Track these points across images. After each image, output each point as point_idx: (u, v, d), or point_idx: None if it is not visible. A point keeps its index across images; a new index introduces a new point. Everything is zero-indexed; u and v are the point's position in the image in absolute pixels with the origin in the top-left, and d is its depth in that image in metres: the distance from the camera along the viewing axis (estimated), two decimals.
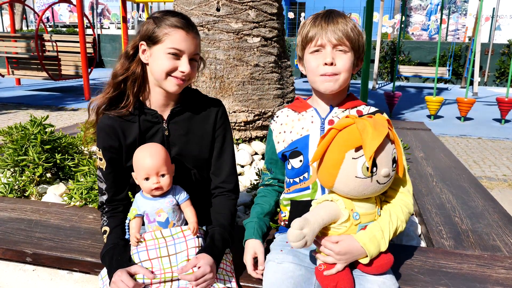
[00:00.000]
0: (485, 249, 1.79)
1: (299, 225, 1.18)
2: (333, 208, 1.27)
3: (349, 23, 1.41)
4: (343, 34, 1.38)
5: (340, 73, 1.41)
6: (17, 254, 1.73)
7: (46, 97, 9.99)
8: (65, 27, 22.94)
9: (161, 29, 1.40)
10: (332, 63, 1.39)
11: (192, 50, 1.43)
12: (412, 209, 1.42)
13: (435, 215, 2.16)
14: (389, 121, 1.31)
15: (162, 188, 1.39)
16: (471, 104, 7.96)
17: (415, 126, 4.72)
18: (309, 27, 1.42)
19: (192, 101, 1.58)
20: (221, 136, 1.61)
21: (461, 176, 2.85)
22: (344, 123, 1.24)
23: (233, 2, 3.10)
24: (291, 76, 3.59)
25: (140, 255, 1.36)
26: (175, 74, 1.42)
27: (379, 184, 1.25)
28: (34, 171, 2.44)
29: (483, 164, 5.39)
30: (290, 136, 1.54)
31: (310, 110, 1.54)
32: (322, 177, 1.29)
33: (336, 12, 1.45)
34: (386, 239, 1.29)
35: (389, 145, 1.26)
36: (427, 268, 1.61)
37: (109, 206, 1.54)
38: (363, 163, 1.21)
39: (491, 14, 14.52)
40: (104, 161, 1.50)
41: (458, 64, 15.12)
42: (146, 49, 1.44)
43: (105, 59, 18.43)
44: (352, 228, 1.28)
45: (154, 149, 1.41)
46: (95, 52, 11.10)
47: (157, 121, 1.52)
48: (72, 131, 3.69)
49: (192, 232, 1.41)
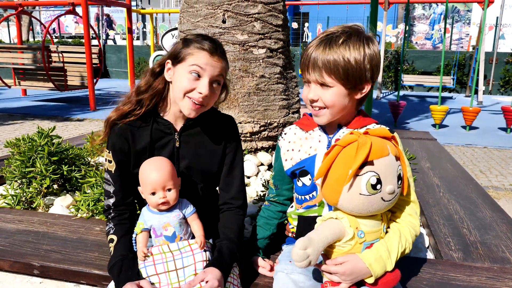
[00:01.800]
0: (495, 261, 1.78)
1: (303, 245, 1.17)
2: (337, 226, 1.25)
3: (342, 52, 1.29)
4: (326, 70, 1.31)
5: (327, 108, 1.37)
6: (25, 266, 1.73)
7: (52, 108, 10.07)
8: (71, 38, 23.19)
9: (187, 49, 1.42)
10: (315, 99, 1.36)
11: (214, 73, 1.43)
12: (418, 231, 1.40)
13: (443, 226, 2.15)
14: (395, 138, 1.30)
15: (168, 203, 1.39)
16: (476, 113, 7.93)
17: (420, 136, 4.71)
18: (306, 51, 1.39)
19: (205, 116, 1.57)
20: (232, 153, 1.61)
21: (468, 187, 2.83)
22: (347, 140, 1.23)
23: (238, 14, 3.12)
24: (296, 87, 3.60)
25: (148, 270, 1.36)
26: (192, 94, 1.41)
27: (384, 201, 1.23)
28: (41, 183, 2.45)
29: (489, 173, 5.36)
30: (298, 154, 1.51)
31: (317, 129, 1.51)
32: (326, 194, 1.28)
33: (333, 38, 1.32)
34: (392, 260, 1.27)
35: (394, 161, 1.24)
36: (436, 280, 1.60)
37: (115, 211, 1.52)
38: (367, 180, 1.19)
39: (494, 23, 14.54)
40: (114, 163, 1.50)
41: (462, 73, 15.11)
42: (171, 68, 1.46)
43: (110, 70, 18.58)
44: (357, 246, 1.26)
45: (160, 163, 1.41)
46: (101, 62, 11.19)
47: (169, 132, 1.53)
48: (78, 142, 3.71)
49: (199, 246, 1.40)
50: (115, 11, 23.65)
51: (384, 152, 1.21)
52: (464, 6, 20.92)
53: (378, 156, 1.20)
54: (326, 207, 1.46)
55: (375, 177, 1.19)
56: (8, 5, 11.32)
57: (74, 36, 24.38)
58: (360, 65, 1.31)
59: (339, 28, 1.36)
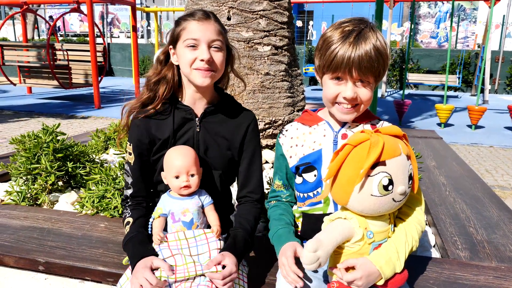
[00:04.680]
0: (502, 261, 1.76)
1: (313, 247, 1.15)
2: (346, 227, 1.23)
3: (375, 46, 1.27)
4: (368, 69, 1.27)
5: (360, 104, 1.35)
6: (30, 262, 1.73)
7: (57, 105, 10.10)
8: (75, 36, 23.26)
9: (179, 27, 1.46)
10: (354, 97, 1.31)
11: (209, 37, 1.43)
12: (424, 226, 1.38)
13: (450, 225, 2.13)
14: (406, 136, 1.26)
15: (190, 187, 1.42)
16: (482, 112, 7.88)
17: (426, 135, 4.68)
18: (335, 50, 1.28)
19: (226, 105, 1.61)
20: (252, 148, 1.62)
21: (475, 185, 2.81)
22: (359, 139, 1.19)
23: (244, 11, 3.11)
24: (301, 85, 3.59)
25: (163, 252, 1.36)
26: (196, 65, 1.43)
27: (395, 202, 1.20)
28: (46, 179, 2.45)
29: (495, 173, 5.32)
30: (301, 150, 1.47)
31: (322, 123, 1.47)
32: (336, 194, 1.25)
33: (366, 33, 1.28)
34: (401, 261, 1.25)
35: (406, 161, 1.21)
36: (443, 279, 1.58)
37: (133, 200, 1.56)
38: (379, 181, 1.16)
39: (501, 22, 14.44)
40: (133, 155, 1.53)
41: (468, 72, 15.02)
42: (174, 51, 1.50)
43: (114, 68, 18.62)
44: (365, 246, 1.24)
45: (186, 150, 1.45)
46: (105, 60, 11.21)
47: (191, 117, 1.54)
48: (83, 139, 3.72)
49: (215, 234, 1.42)
50: (119, 9, 23.69)
51: (396, 152, 1.18)
52: (471, 4, 20.78)
53: (390, 156, 1.17)
54: (332, 204, 1.43)
55: (387, 178, 1.16)
56: (13, 3, 11.36)
57: (79, 34, 24.45)
58: (388, 57, 1.32)
59: (355, 21, 1.32)
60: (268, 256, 1.67)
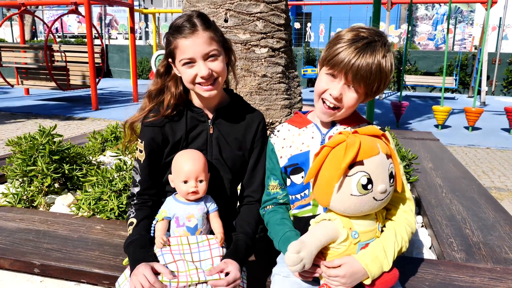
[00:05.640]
0: (498, 262, 1.76)
1: (296, 248, 1.15)
2: (330, 228, 1.24)
3: (382, 63, 1.29)
4: (363, 80, 1.29)
5: (341, 108, 1.37)
6: (25, 265, 1.72)
7: (54, 107, 10.08)
8: (73, 38, 23.23)
9: (172, 43, 1.45)
10: (339, 98, 1.34)
11: (202, 51, 1.42)
12: (415, 228, 1.38)
13: (446, 226, 2.13)
14: (386, 135, 1.28)
15: (198, 193, 1.42)
16: (479, 113, 7.91)
17: (423, 136, 4.69)
18: (340, 49, 1.30)
19: (236, 105, 1.62)
20: (259, 148, 1.64)
21: (471, 187, 2.81)
22: (336, 140, 1.21)
23: (241, 13, 3.12)
24: (298, 87, 3.59)
25: (165, 257, 1.35)
26: (198, 80, 1.44)
27: (376, 201, 1.21)
28: (42, 181, 2.44)
29: (492, 174, 5.34)
30: (289, 150, 1.49)
31: (311, 126, 1.50)
32: (318, 195, 1.27)
33: (377, 46, 1.30)
34: (389, 259, 1.25)
35: (385, 160, 1.22)
36: (439, 281, 1.59)
37: (139, 199, 1.55)
38: (357, 180, 1.17)
39: (497, 24, 14.49)
40: (144, 154, 1.53)
41: (465, 74, 15.06)
42: (173, 66, 1.51)
43: (112, 69, 18.59)
44: (351, 247, 1.24)
45: (196, 154, 1.45)
46: (103, 62, 11.19)
47: (203, 120, 1.56)
48: (80, 141, 3.71)
49: (218, 242, 1.41)
50: (117, 11, 23.69)
51: (374, 151, 1.19)
52: (467, 7, 20.86)
53: (368, 156, 1.18)
54: (321, 207, 1.43)
55: (366, 177, 1.17)
56: (11, 4, 11.34)
57: (77, 36, 24.43)
58: (388, 77, 1.34)
59: (372, 31, 1.33)
60: (267, 258, 1.67)
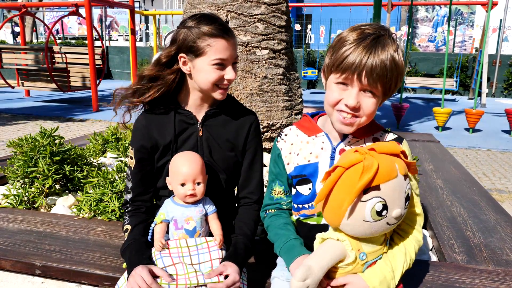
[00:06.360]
0: (499, 264, 1.76)
1: (302, 276, 1.09)
2: (338, 249, 1.17)
3: (395, 60, 1.18)
4: (380, 79, 1.17)
5: (361, 117, 1.24)
6: (26, 266, 1.72)
7: (55, 108, 10.09)
8: (74, 39, 23.26)
9: (201, 40, 1.39)
10: (357, 107, 1.21)
11: (234, 55, 1.45)
12: (422, 244, 1.34)
13: (447, 228, 2.13)
14: (404, 152, 1.17)
15: (196, 196, 1.41)
16: (479, 115, 7.91)
17: (423, 138, 4.69)
18: (348, 50, 1.18)
19: (227, 106, 1.60)
20: (253, 148, 1.61)
21: (472, 189, 2.81)
22: (352, 160, 1.10)
23: (242, 15, 3.12)
24: (299, 88, 3.59)
25: (164, 260, 1.35)
26: (221, 82, 1.44)
27: (389, 225, 1.14)
28: (43, 183, 2.45)
29: (492, 176, 5.33)
30: (296, 159, 1.40)
31: (321, 135, 1.38)
32: (328, 217, 1.18)
33: (386, 40, 1.19)
34: (396, 279, 1.21)
35: (403, 182, 1.12)
36: (440, 283, 1.58)
37: (132, 205, 1.55)
38: (372, 206, 1.08)
39: (498, 26, 14.50)
40: (134, 160, 1.53)
41: (465, 76, 15.07)
42: (187, 61, 1.44)
43: (113, 71, 18.61)
44: (358, 267, 1.19)
45: (193, 157, 1.44)
46: (104, 63, 11.21)
47: (192, 122, 1.54)
48: (81, 143, 3.71)
49: (218, 245, 1.41)
50: (118, 13, 23.72)
51: (392, 175, 1.09)
52: (468, 9, 20.87)
53: (385, 180, 1.08)
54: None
55: (381, 203, 1.09)
56: (11, 6, 11.36)
57: (78, 37, 24.46)
58: (403, 72, 1.24)
59: (375, 26, 1.23)
60: (266, 259, 1.67)
